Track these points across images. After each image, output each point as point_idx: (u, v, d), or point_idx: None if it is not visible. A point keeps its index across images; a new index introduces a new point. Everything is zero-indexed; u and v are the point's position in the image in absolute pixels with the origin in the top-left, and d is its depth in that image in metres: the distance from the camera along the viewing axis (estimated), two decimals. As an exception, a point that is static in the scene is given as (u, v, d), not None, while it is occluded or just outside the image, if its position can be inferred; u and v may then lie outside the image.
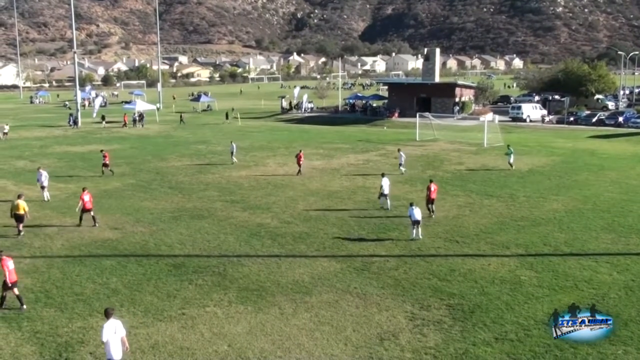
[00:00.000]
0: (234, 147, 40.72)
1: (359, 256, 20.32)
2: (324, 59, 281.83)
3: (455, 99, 71.90)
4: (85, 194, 24.34)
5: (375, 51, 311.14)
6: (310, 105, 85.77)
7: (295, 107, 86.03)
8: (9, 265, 15.94)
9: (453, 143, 49.99)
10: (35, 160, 41.68)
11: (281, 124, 71.91)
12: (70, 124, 67.71)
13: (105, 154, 36.62)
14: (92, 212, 24.31)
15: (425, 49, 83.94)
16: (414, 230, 21.99)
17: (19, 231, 22.80)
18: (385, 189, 26.46)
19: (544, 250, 20.88)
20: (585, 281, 17.72)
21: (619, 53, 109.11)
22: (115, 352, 12.03)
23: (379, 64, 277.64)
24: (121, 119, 69.80)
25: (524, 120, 65.62)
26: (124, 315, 15.17)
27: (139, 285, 17.76)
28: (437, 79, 76.05)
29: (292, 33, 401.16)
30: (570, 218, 24.99)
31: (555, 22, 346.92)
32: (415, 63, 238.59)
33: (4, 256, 16.19)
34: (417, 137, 52.44)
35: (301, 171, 35.58)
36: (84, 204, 24.07)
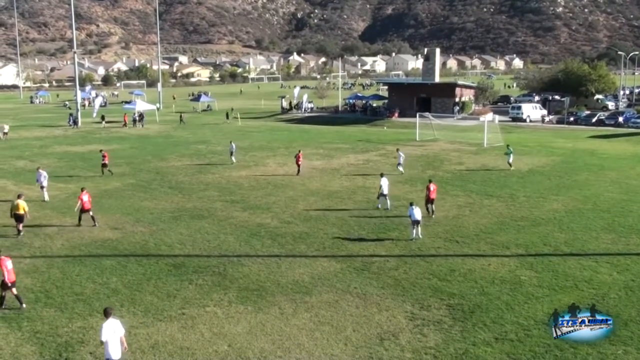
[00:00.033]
0: (233, 147, 40.72)
1: (359, 256, 20.32)
2: (324, 59, 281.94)
3: (455, 99, 71.92)
4: (84, 194, 24.35)
5: (375, 51, 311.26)
6: (310, 105, 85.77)
7: (295, 107, 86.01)
8: (7, 265, 15.94)
9: (453, 143, 49.99)
10: (35, 160, 41.68)
11: (281, 124, 71.92)
12: (70, 124, 67.72)
13: (104, 154, 36.63)
14: (91, 212, 24.31)
15: (425, 49, 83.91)
16: (414, 230, 21.99)
17: (19, 231, 22.80)
18: (385, 189, 26.46)
19: (544, 250, 20.88)
20: (586, 281, 17.72)
21: (619, 53, 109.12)
22: (114, 352, 12.04)
23: (379, 64, 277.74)
24: (121, 119, 69.88)
25: (524, 121, 65.60)
26: (124, 315, 15.17)
27: (139, 285, 17.77)
28: (437, 79, 76.05)
29: (292, 33, 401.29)
30: (570, 218, 24.99)
31: (555, 22, 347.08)
32: (415, 63, 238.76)
33: (2, 256, 16.20)
34: (417, 137, 52.45)
35: (300, 171, 35.64)
36: (83, 204, 24.08)
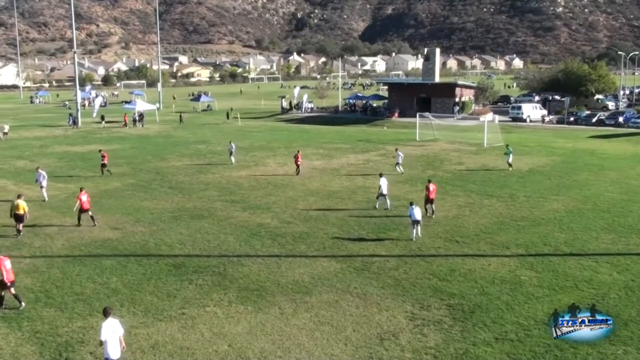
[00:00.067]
0: (233, 147, 40.65)
1: (359, 256, 20.32)
2: (324, 59, 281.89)
3: (455, 99, 71.92)
4: (83, 194, 24.31)
5: (375, 51, 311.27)
6: (310, 105, 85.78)
7: (295, 107, 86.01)
8: (6, 264, 15.93)
9: (453, 143, 49.99)
10: (35, 160, 41.67)
11: (281, 124, 71.92)
12: (70, 124, 67.72)
13: (103, 154, 36.62)
14: (90, 212, 24.27)
15: (425, 49, 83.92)
16: (414, 230, 21.99)
17: (19, 231, 22.78)
18: (384, 189, 26.46)
19: (544, 250, 20.88)
20: (586, 281, 17.72)
21: (619, 53, 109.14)
22: (113, 352, 12.03)
23: (379, 64, 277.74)
24: (121, 118, 69.92)
25: (524, 121, 65.60)
26: (124, 315, 15.18)
27: (139, 285, 17.77)
28: (437, 79, 76.06)
29: (292, 33, 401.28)
30: (570, 218, 24.99)
31: (555, 22, 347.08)
32: (415, 63, 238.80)
33: (1, 256, 16.20)
34: (417, 137, 52.45)
35: (300, 171, 35.59)
36: (82, 204, 24.05)
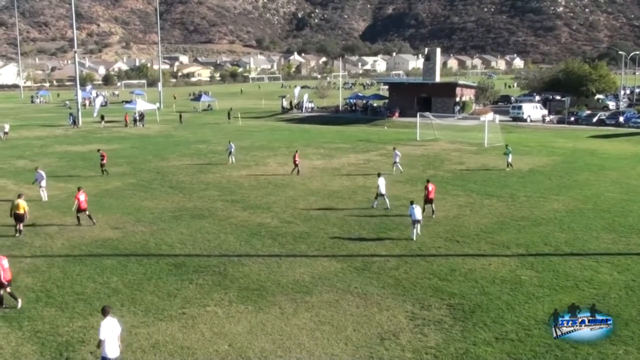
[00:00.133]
0: (232, 147, 40.59)
1: (359, 256, 20.32)
2: (324, 59, 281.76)
3: (456, 99, 71.95)
4: (81, 193, 24.26)
5: (375, 51, 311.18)
6: (310, 105, 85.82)
7: (295, 107, 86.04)
8: (3, 264, 15.93)
9: (453, 143, 49.99)
10: (35, 160, 41.70)
11: (282, 123, 71.95)
12: (71, 124, 67.74)
13: (102, 154, 36.60)
14: (88, 212, 24.22)
15: (426, 49, 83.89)
16: (414, 230, 21.98)
17: (20, 231, 22.80)
18: (382, 189, 26.45)
19: (544, 250, 20.87)
20: (586, 281, 17.72)
21: (620, 53, 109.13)
22: (111, 351, 11.99)
23: (379, 64, 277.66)
24: (121, 118, 69.97)
25: (525, 120, 65.60)
26: (124, 315, 15.19)
27: (140, 284, 17.77)
28: (438, 78, 76.09)
29: (293, 33, 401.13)
30: (570, 218, 24.98)
31: (555, 22, 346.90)
32: (416, 63, 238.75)
33: None
34: (418, 137, 52.44)
35: (298, 171, 35.45)
36: (79, 204, 24.04)
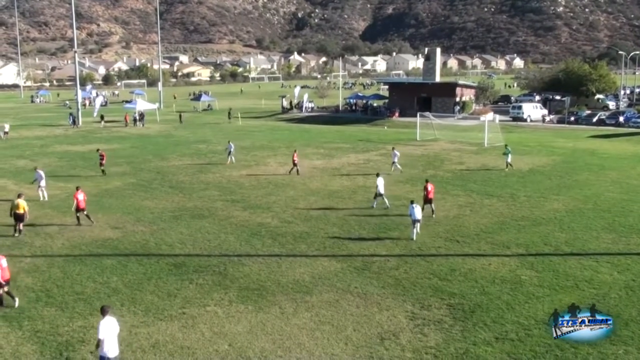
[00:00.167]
0: (231, 147, 40.52)
1: (359, 256, 20.32)
2: (324, 59, 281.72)
3: (456, 99, 71.94)
4: (79, 193, 24.24)
5: (375, 51, 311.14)
6: (310, 105, 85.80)
7: (295, 107, 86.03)
8: (2, 263, 15.93)
9: (454, 143, 49.99)
10: (35, 160, 41.70)
11: (282, 123, 71.94)
12: (71, 124, 67.74)
13: (102, 154, 36.58)
14: (86, 211, 24.20)
15: (426, 49, 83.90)
16: (414, 230, 21.98)
17: (19, 230, 22.79)
18: (381, 189, 26.45)
19: (544, 250, 20.87)
20: (586, 281, 17.72)
21: (620, 53, 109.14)
22: (110, 350, 11.99)
23: (379, 64, 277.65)
24: (121, 118, 69.97)
25: (525, 120, 65.60)
26: (124, 315, 15.20)
27: (140, 284, 17.77)
28: (438, 78, 76.08)
29: (293, 32, 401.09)
30: (570, 218, 24.98)
31: (555, 22, 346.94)
32: (416, 63, 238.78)
33: None
34: (418, 137, 52.43)
35: (297, 170, 35.36)
36: (78, 203, 24.03)
